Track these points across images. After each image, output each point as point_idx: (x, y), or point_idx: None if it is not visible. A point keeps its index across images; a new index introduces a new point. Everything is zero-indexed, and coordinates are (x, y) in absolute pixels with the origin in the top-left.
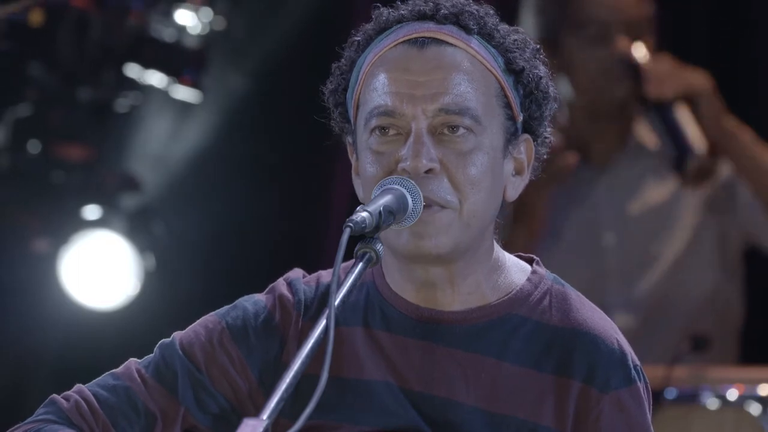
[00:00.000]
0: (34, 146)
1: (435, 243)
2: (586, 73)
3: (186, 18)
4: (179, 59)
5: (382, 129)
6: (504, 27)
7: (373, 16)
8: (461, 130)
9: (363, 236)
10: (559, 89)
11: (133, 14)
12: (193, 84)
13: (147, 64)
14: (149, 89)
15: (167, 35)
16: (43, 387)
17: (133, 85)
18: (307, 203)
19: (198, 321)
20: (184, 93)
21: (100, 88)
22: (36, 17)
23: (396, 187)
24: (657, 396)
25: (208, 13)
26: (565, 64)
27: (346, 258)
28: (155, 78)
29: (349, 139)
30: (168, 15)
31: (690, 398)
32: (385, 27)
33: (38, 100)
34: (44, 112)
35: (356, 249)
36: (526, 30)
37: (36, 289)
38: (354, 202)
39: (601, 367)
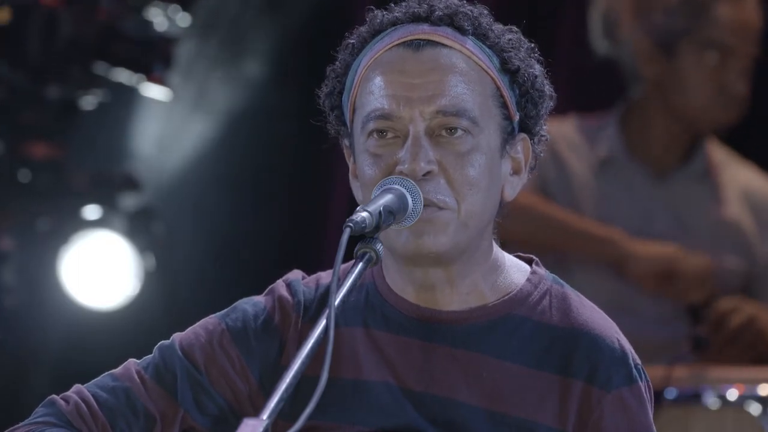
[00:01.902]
0: None
1: (434, 242)
2: (699, 89)
3: (155, 15)
4: (148, 56)
5: (380, 132)
6: (498, 27)
7: (366, 19)
8: (458, 132)
9: (363, 236)
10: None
11: (101, 11)
12: (162, 81)
13: (115, 62)
14: (119, 87)
15: (136, 32)
16: (42, 387)
17: (101, 82)
18: (307, 204)
19: (197, 323)
20: (154, 90)
21: (68, 86)
22: (3, 15)
23: (396, 187)
24: (657, 396)
25: (177, 10)
26: (671, 67)
27: (346, 258)
28: (124, 75)
29: (345, 142)
30: (137, 12)
31: (690, 398)
32: (380, 29)
33: (5, 98)
34: (12, 110)
35: (356, 249)
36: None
37: (36, 289)
38: (353, 203)
39: (602, 366)
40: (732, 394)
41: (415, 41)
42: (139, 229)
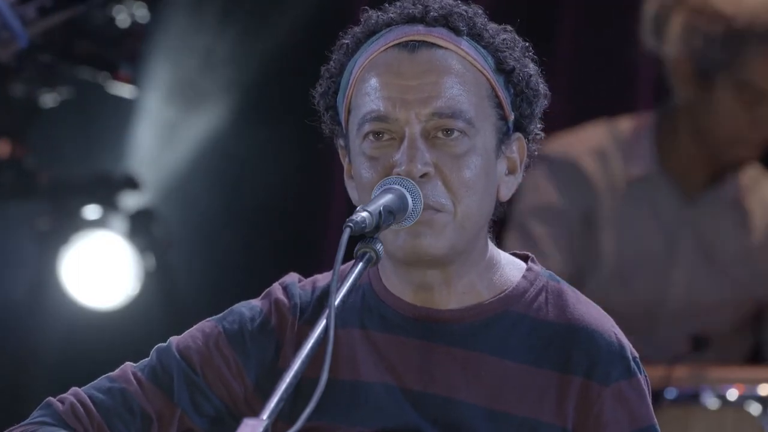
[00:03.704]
0: None
1: (431, 243)
2: (728, 126)
3: (120, 13)
4: (114, 54)
5: (376, 134)
6: (493, 26)
7: (361, 19)
8: (455, 133)
9: (363, 236)
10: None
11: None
12: (130, 80)
13: (81, 60)
14: (86, 84)
15: (101, 30)
16: (42, 387)
17: (67, 80)
18: (307, 204)
19: (194, 326)
20: (120, 88)
21: (33, 85)
22: None
23: (396, 187)
24: (657, 396)
25: (141, 6)
26: (706, 95)
27: (346, 258)
28: (89, 73)
29: (340, 142)
30: (103, 9)
31: (690, 398)
32: (375, 30)
33: None
34: None
35: (356, 249)
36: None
37: (36, 289)
38: (353, 203)
39: (600, 361)
40: (732, 394)
41: (411, 43)
42: (139, 229)
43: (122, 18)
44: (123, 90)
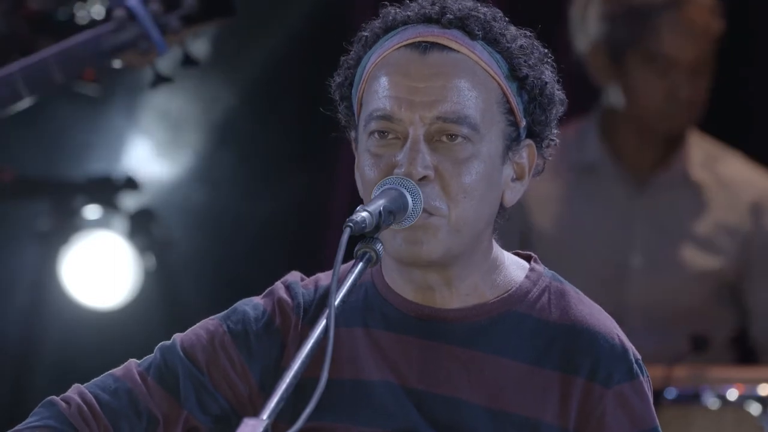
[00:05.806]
0: None
1: (427, 248)
2: (648, 98)
3: (83, 11)
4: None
5: (381, 132)
6: (511, 32)
7: (380, 14)
8: (458, 138)
9: (363, 236)
10: (612, 96)
11: (30, 7)
12: (95, 79)
13: None
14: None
15: (64, 27)
16: (43, 387)
17: None
18: (307, 204)
19: (198, 324)
20: (84, 87)
21: None
22: None
23: (396, 187)
24: (657, 396)
25: (98, 4)
26: (622, 76)
27: (346, 258)
28: None
29: (352, 134)
30: (67, 7)
31: (690, 398)
32: (392, 27)
33: None
34: None
35: (356, 249)
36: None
37: (36, 289)
38: (353, 203)
39: (602, 362)
40: (732, 394)
41: (423, 43)
42: (139, 229)
43: (82, 15)
44: (87, 88)
